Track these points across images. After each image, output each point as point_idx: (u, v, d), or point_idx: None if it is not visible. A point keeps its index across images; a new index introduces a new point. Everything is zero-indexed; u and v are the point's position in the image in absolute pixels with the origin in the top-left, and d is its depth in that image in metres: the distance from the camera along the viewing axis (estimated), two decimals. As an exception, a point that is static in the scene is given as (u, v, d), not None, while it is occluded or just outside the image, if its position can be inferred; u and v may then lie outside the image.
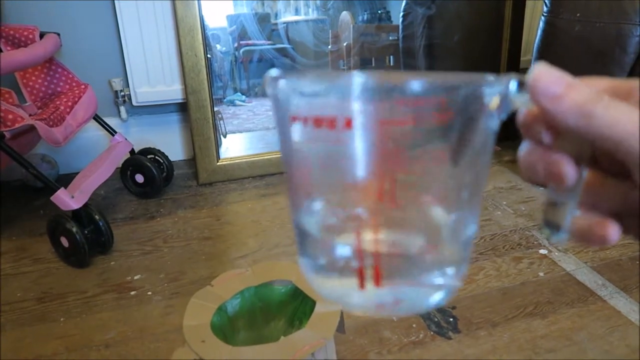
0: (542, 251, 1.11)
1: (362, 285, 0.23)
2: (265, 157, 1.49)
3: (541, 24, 1.32)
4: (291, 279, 0.81)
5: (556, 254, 1.10)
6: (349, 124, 0.21)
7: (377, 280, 0.23)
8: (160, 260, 1.09)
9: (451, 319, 0.92)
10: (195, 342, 0.68)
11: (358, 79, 0.21)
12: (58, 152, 1.44)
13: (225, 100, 2.14)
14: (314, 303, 0.77)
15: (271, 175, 1.48)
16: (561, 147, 0.22)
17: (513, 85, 0.22)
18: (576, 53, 1.25)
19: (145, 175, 1.34)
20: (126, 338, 0.88)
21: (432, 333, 0.89)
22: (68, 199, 1.03)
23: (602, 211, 0.24)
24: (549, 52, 1.28)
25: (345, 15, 1.86)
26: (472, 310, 0.94)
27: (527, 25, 1.68)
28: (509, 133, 0.32)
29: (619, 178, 0.24)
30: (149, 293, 0.99)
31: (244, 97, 2.30)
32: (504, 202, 1.31)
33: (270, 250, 1.13)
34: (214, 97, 1.41)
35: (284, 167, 0.25)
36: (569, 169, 0.22)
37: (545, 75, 0.21)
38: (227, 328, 0.77)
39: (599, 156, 0.24)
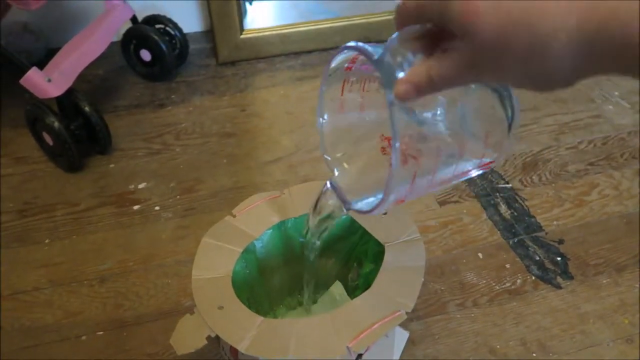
0: (676, 163, 0.82)
1: None
2: (302, 29, 1.17)
3: None
4: (346, 206, 0.56)
5: (696, 167, 0.81)
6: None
7: None
8: (171, 163, 0.86)
9: (559, 259, 0.68)
10: (209, 309, 0.46)
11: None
12: (46, 21, 1.16)
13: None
14: (378, 245, 0.53)
15: (308, 52, 1.17)
16: None
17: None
18: None
19: (152, 52, 1.06)
20: (126, 269, 0.68)
21: (533, 278, 0.65)
22: (43, 83, 0.77)
23: None
24: None
25: None
26: (587, 247, 0.69)
27: None
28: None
29: None
30: (157, 208, 0.77)
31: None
32: (616, 93, 0.99)
33: (310, 152, 0.87)
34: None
35: None
36: None
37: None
38: (255, 278, 0.55)
39: None
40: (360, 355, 0.51)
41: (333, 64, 0.35)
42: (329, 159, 0.43)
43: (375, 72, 0.29)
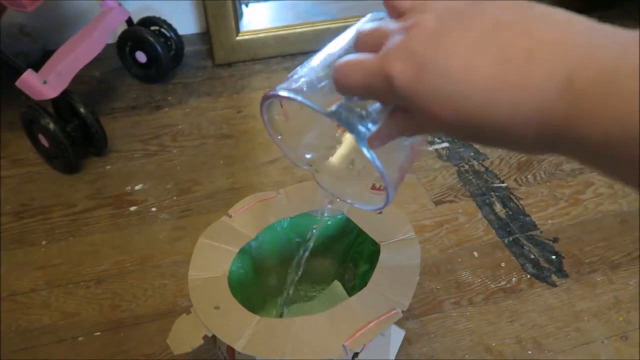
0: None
1: None
2: (297, 30, 1.17)
3: None
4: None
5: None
6: None
7: None
8: (167, 164, 0.86)
9: (554, 257, 0.68)
10: (206, 309, 0.46)
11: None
12: (43, 23, 1.16)
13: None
14: (374, 245, 0.54)
15: (304, 54, 1.18)
16: None
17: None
18: None
19: (148, 53, 1.06)
20: (123, 271, 0.68)
21: (528, 276, 0.66)
22: (39, 85, 0.77)
23: None
24: None
25: None
26: (582, 245, 0.70)
27: None
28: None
29: None
30: (153, 209, 0.77)
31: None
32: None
33: (306, 153, 0.87)
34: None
35: None
36: None
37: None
38: (251, 278, 0.55)
39: None
40: (356, 354, 0.52)
41: (269, 102, 0.35)
42: (310, 157, 0.42)
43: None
